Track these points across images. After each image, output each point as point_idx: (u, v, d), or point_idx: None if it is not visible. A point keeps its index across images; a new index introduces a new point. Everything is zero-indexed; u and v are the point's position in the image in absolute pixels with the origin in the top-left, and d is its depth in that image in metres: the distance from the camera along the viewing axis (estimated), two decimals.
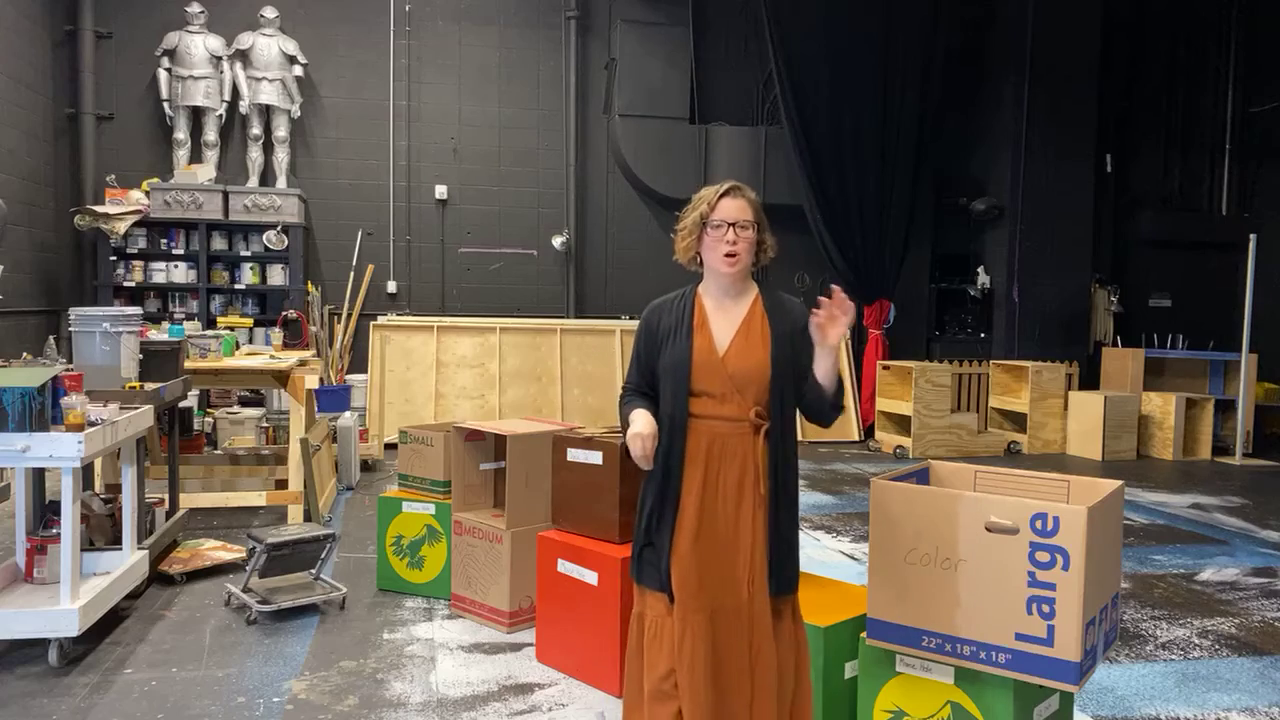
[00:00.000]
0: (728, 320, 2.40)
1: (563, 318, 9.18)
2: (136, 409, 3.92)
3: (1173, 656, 3.80)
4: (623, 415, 2.44)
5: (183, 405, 5.45)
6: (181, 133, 8.27)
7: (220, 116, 8.36)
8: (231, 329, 6.45)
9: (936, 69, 9.28)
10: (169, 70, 8.25)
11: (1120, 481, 2.59)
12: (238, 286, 8.33)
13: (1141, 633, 4.07)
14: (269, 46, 8.40)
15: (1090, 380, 9.58)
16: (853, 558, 5.12)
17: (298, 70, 8.51)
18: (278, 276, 8.36)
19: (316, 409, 5.95)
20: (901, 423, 8.66)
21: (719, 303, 2.42)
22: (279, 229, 8.23)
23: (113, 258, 7.99)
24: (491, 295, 9.22)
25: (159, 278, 8.16)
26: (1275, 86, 10.23)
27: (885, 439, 8.78)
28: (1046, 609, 2.29)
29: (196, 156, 8.40)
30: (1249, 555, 5.39)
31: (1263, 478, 7.86)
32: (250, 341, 7.48)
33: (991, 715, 2.40)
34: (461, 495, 4.06)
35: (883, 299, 9.36)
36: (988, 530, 2.37)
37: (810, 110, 9.01)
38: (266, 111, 8.48)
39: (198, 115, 8.33)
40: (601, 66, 9.34)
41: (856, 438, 9.16)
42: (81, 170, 8.24)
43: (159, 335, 5.48)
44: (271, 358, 5.74)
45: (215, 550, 4.73)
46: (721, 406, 2.34)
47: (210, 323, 7.83)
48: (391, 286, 8.99)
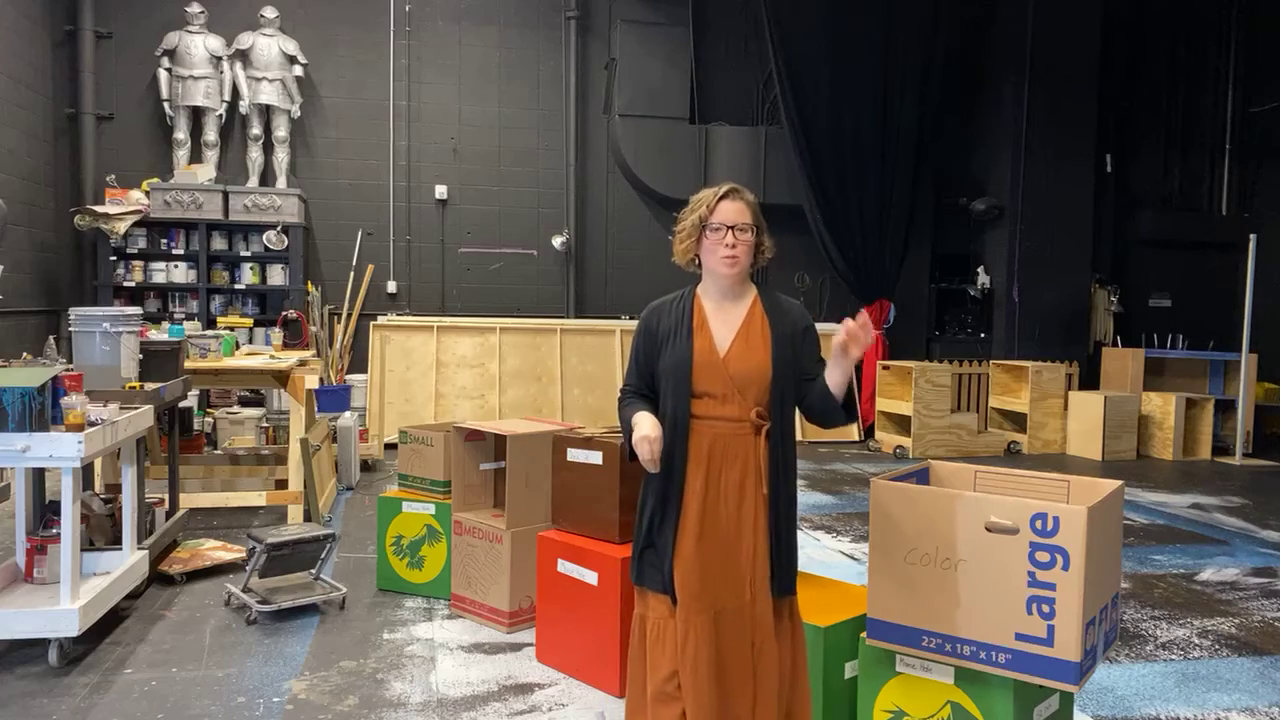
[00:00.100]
0: (727, 321, 2.40)
1: (563, 318, 9.18)
2: (136, 409, 3.92)
3: (1173, 656, 3.80)
4: (623, 417, 2.42)
5: (183, 405, 5.46)
6: (181, 133, 8.27)
7: (220, 116, 8.36)
8: (231, 329, 6.45)
9: (936, 69, 9.28)
10: (169, 70, 8.25)
11: (1120, 481, 2.59)
12: (238, 286, 8.33)
13: (1141, 633, 4.07)
14: (269, 46, 8.40)
15: (1090, 380, 9.58)
16: (853, 558, 5.12)
17: (298, 70, 8.51)
18: (278, 276, 8.36)
19: (316, 409, 5.95)
20: (901, 423, 8.66)
21: (718, 304, 2.42)
22: (279, 229, 8.23)
23: (113, 258, 7.99)
24: (491, 295, 9.22)
25: (159, 278, 8.16)
26: (1275, 86, 10.23)
27: (885, 439, 8.78)
28: (1046, 609, 2.29)
29: (196, 156, 8.40)
30: (1249, 555, 5.39)
31: (1263, 478, 7.86)
32: (250, 341, 7.48)
33: (991, 715, 2.41)
34: (461, 495, 4.06)
35: (883, 299, 9.36)
36: (988, 530, 2.37)
37: (810, 110, 9.01)
38: (266, 111, 8.47)
39: (198, 115, 8.33)
40: (601, 66, 9.33)
41: (856, 438, 9.17)
42: (81, 170, 8.24)
43: (159, 335, 5.48)
44: (271, 358, 5.74)
45: (215, 550, 4.73)
46: (723, 407, 2.34)
47: (210, 323, 7.83)
48: (391, 286, 8.99)
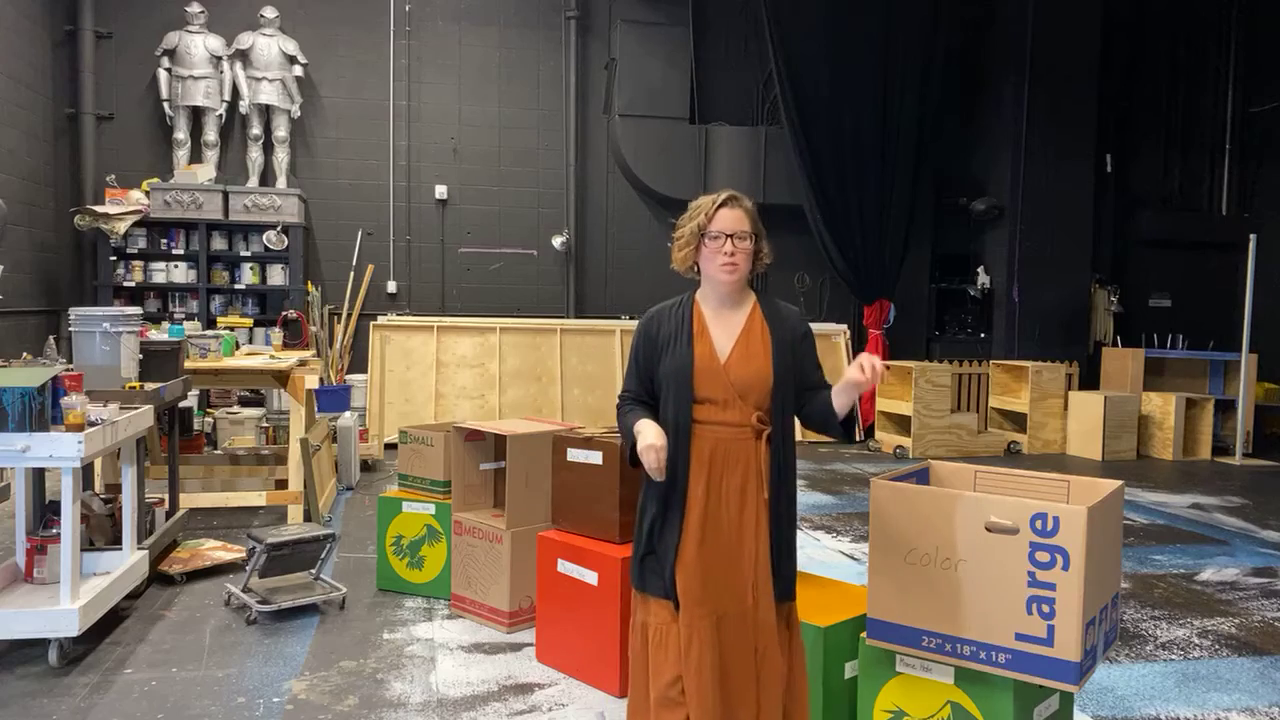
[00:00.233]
0: (727, 328, 2.40)
1: (563, 318, 9.18)
2: (136, 409, 3.92)
3: (1173, 656, 3.80)
4: (624, 424, 2.41)
5: (183, 405, 5.46)
6: (181, 133, 8.27)
7: (220, 116, 8.36)
8: (231, 329, 6.45)
9: (936, 69, 9.28)
10: (169, 70, 8.25)
11: (1120, 481, 2.59)
12: (238, 286, 8.33)
13: (1141, 633, 4.07)
14: (269, 46, 8.40)
15: (1090, 380, 9.58)
16: (853, 558, 5.12)
17: (298, 70, 8.51)
18: (278, 276, 8.36)
19: (316, 409, 5.95)
20: (901, 423, 8.66)
21: (717, 311, 2.42)
22: (279, 229, 8.23)
23: (113, 258, 7.99)
24: (491, 295, 9.22)
25: (159, 278, 8.16)
26: (1275, 86, 10.23)
27: (885, 439, 8.78)
28: (1046, 609, 2.29)
29: (196, 156, 8.40)
30: (1249, 555, 5.39)
31: (1263, 478, 7.86)
32: (250, 341, 7.48)
33: (991, 715, 2.40)
34: (461, 495, 4.06)
35: (883, 299, 9.36)
36: (988, 530, 2.37)
37: (810, 110, 9.00)
38: (266, 111, 8.48)
39: (198, 115, 8.34)
40: (601, 66, 9.34)
41: (857, 438, 9.15)
42: (81, 170, 8.24)
43: (159, 335, 5.48)
44: (271, 358, 5.74)
45: (215, 550, 4.73)
46: (723, 413, 2.34)
47: (210, 323, 7.83)
48: (391, 286, 8.99)
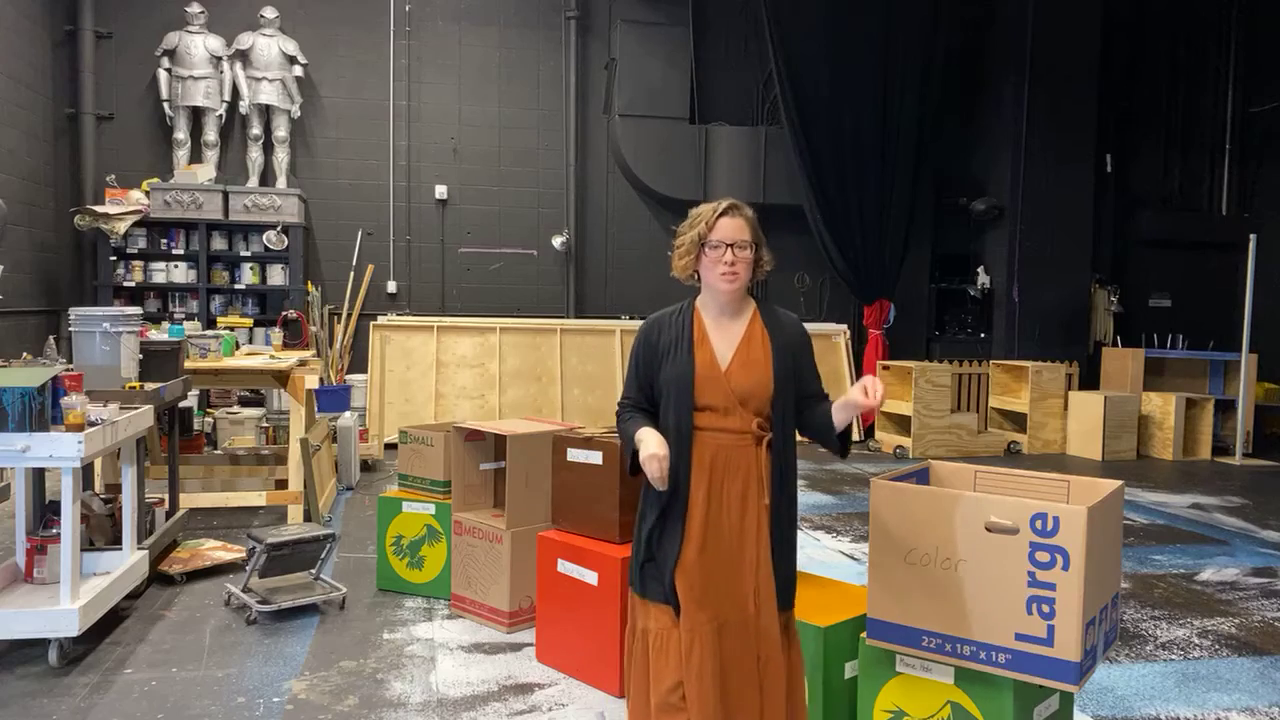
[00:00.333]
0: (727, 335, 2.40)
1: (563, 318, 9.18)
2: (136, 409, 3.92)
3: (1173, 656, 3.80)
4: (625, 432, 2.41)
5: (183, 405, 5.46)
6: (181, 133, 8.27)
7: (220, 116, 8.36)
8: (231, 329, 6.45)
9: (936, 69, 9.28)
10: (169, 70, 8.25)
11: (1120, 481, 2.59)
12: (238, 286, 8.33)
13: (1141, 633, 4.07)
14: (269, 46, 8.40)
15: (1090, 380, 9.58)
16: (853, 558, 5.12)
17: (298, 70, 8.51)
18: (278, 276, 8.36)
19: (316, 409, 5.95)
20: (901, 423, 8.66)
21: (718, 318, 2.42)
22: (279, 229, 8.23)
23: (113, 258, 7.99)
24: (491, 295, 9.22)
25: (159, 278, 8.16)
26: (1275, 86, 10.23)
27: (885, 439, 8.78)
28: (1046, 609, 2.29)
29: (196, 156, 8.40)
30: (1249, 555, 5.39)
31: (1263, 478, 7.86)
32: (250, 341, 7.48)
33: (991, 715, 2.40)
34: (461, 495, 4.06)
35: (883, 299, 9.36)
36: (988, 530, 2.37)
37: (810, 110, 9.00)
38: (266, 111, 8.48)
39: (198, 115, 8.34)
40: (601, 66, 9.33)
41: (857, 438, 9.16)
42: (81, 170, 8.24)
43: (159, 335, 5.48)
44: (271, 358, 5.74)
45: (215, 550, 4.73)
46: (724, 419, 2.34)
47: (210, 323, 7.83)
48: (391, 286, 8.99)
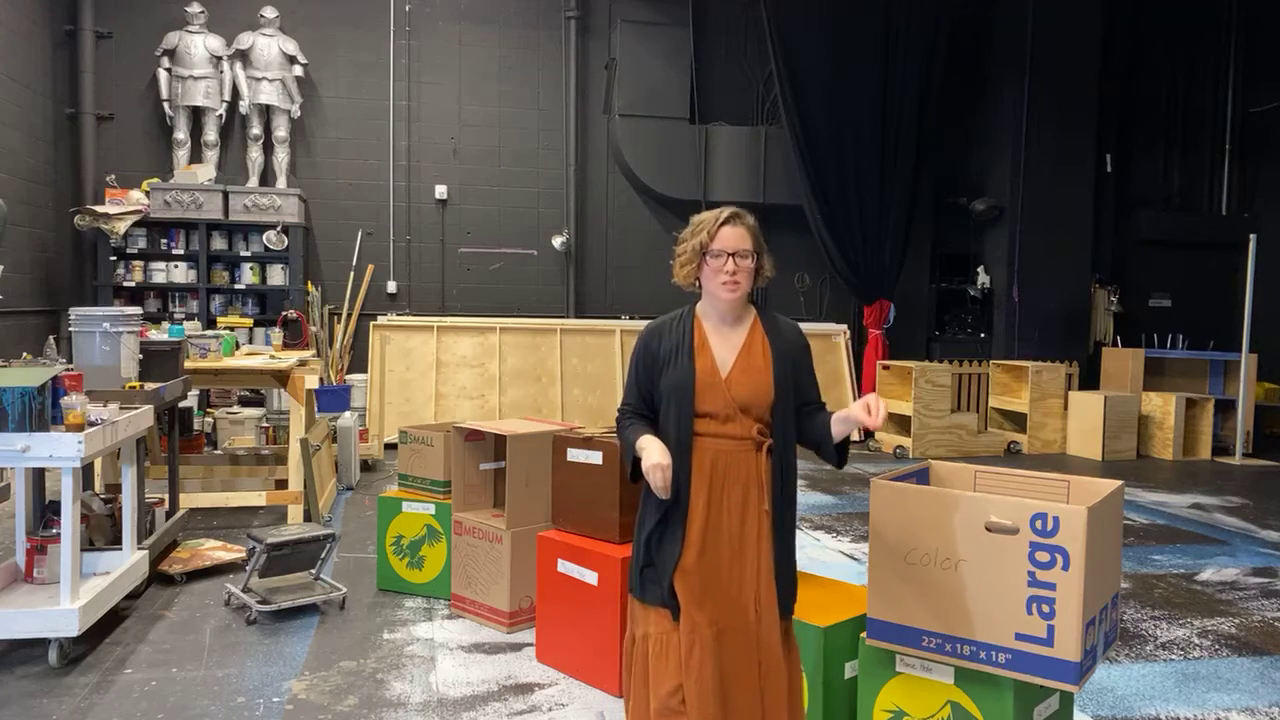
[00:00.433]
0: (728, 343, 2.40)
1: (563, 318, 9.18)
2: (136, 409, 3.92)
3: (1173, 656, 3.80)
4: (626, 439, 2.41)
5: (183, 405, 5.46)
6: (181, 133, 8.27)
7: (220, 116, 8.37)
8: (231, 329, 6.45)
9: (936, 69, 9.28)
10: (169, 70, 8.25)
11: (1120, 481, 2.59)
12: (238, 286, 8.33)
13: (1141, 633, 4.07)
14: (269, 46, 8.40)
15: (1090, 380, 9.58)
16: (853, 558, 5.12)
17: (298, 70, 8.51)
18: (278, 276, 8.36)
19: (316, 409, 5.95)
20: (901, 423, 8.66)
21: (718, 325, 2.42)
22: (279, 229, 8.22)
23: (113, 258, 7.99)
24: (491, 295, 9.22)
25: (159, 278, 8.16)
26: (1275, 86, 10.23)
27: (885, 439, 8.78)
28: (1046, 609, 2.29)
29: (196, 156, 8.40)
30: (1249, 555, 5.39)
31: (1263, 478, 7.86)
32: (250, 341, 7.47)
33: (991, 715, 2.40)
34: (461, 495, 4.06)
35: (883, 299, 9.36)
36: (988, 530, 2.37)
37: (810, 110, 9.00)
38: (266, 111, 8.48)
39: (198, 115, 8.34)
40: (601, 66, 9.33)
41: (857, 438, 9.17)
42: (81, 170, 8.24)
43: (159, 335, 5.48)
44: (271, 358, 5.74)
45: (215, 550, 4.73)
46: (724, 426, 2.34)
47: (210, 323, 7.83)
48: (391, 286, 8.99)
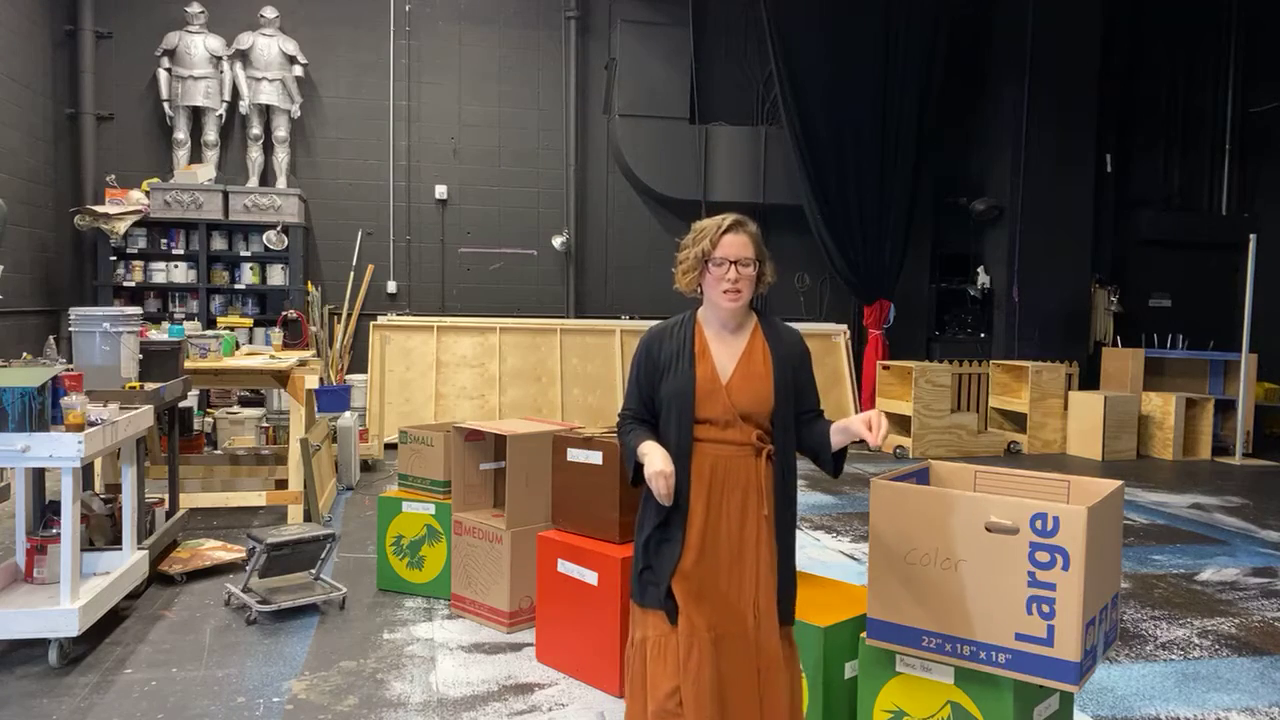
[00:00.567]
0: (729, 349, 2.41)
1: (563, 318, 9.18)
2: (136, 409, 3.92)
3: (1173, 656, 3.80)
4: (628, 444, 2.42)
5: (183, 405, 5.45)
6: (181, 133, 8.27)
7: (220, 116, 8.37)
8: (231, 329, 6.45)
9: (937, 69, 9.28)
10: (169, 70, 8.25)
11: (1120, 481, 2.59)
12: (238, 286, 8.33)
13: (1141, 633, 4.07)
14: (269, 46, 8.40)
15: (1090, 380, 9.58)
16: (853, 558, 5.12)
17: (298, 70, 8.51)
18: (278, 276, 8.36)
19: (316, 409, 5.95)
20: (901, 423, 8.65)
21: (719, 332, 2.43)
22: (279, 229, 8.22)
23: (113, 258, 7.99)
24: (491, 295, 9.22)
25: (159, 278, 8.16)
26: (1275, 86, 10.23)
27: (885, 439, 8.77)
28: (1046, 609, 2.29)
29: (196, 156, 8.40)
30: (1249, 555, 5.39)
31: (1263, 478, 7.86)
32: (250, 341, 7.47)
33: (991, 715, 2.40)
34: (461, 495, 4.06)
35: (883, 299, 9.36)
36: (988, 530, 2.37)
37: (810, 110, 9.00)
38: (266, 111, 8.48)
39: (198, 115, 8.34)
40: (601, 66, 9.33)
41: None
42: (81, 170, 8.24)
43: (159, 335, 5.48)
44: (271, 358, 5.74)
45: (215, 550, 4.73)
46: (724, 432, 2.35)
47: (210, 323, 7.83)
48: (391, 286, 8.99)
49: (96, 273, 8.04)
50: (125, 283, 8.07)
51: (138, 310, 4.56)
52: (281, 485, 5.73)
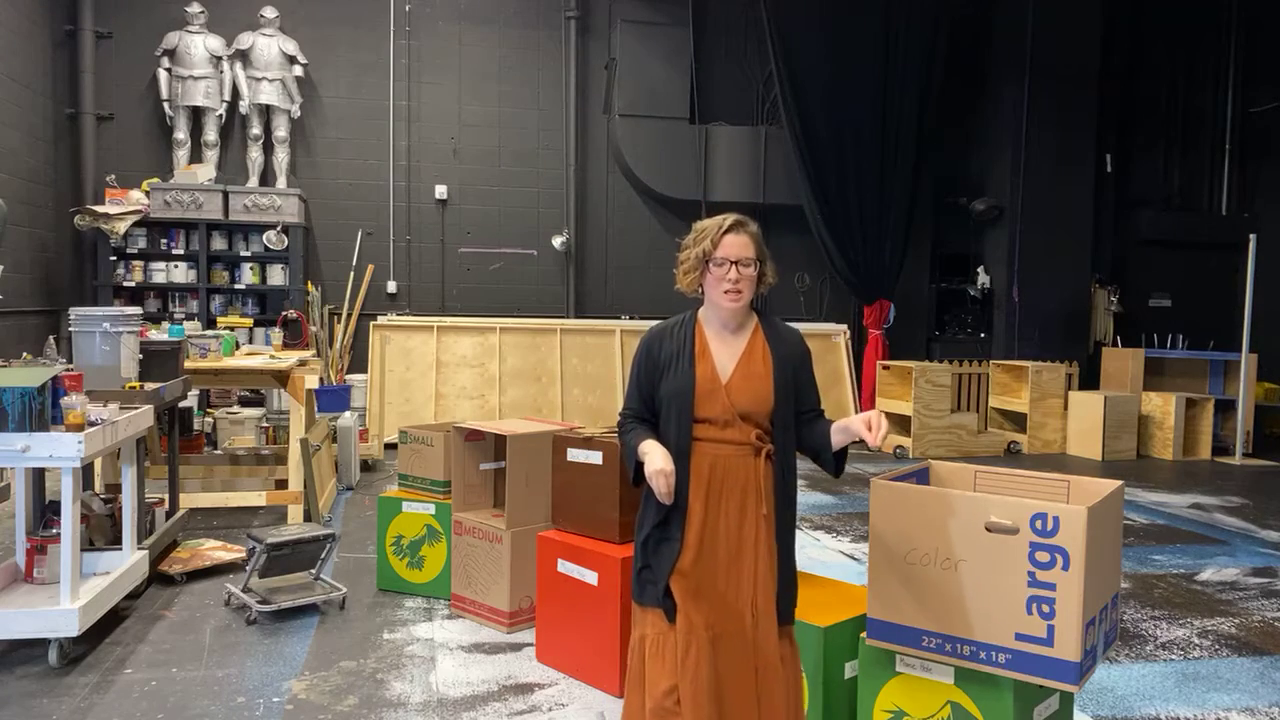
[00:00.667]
0: (729, 349, 2.41)
1: (563, 318, 9.18)
2: (136, 409, 3.92)
3: (1173, 656, 3.80)
4: (628, 444, 2.42)
5: (183, 405, 5.46)
6: (181, 133, 8.27)
7: (220, 116, 8.36)
8: (231, 329, 6.45)
9: (936, 69, 9.28)
10: (169, 70, 8.25)
11: (1120, 481, 2.59)
12: (238, 286, 8.33)
13: (1141, 633, 4.07)
14: (269, 46, 8.40)
15: (1090, 380, 9.58)
16: (853, 558, 5.12)
17: (298, 70, 8.51)
18: (278, 276, 8.36)
19: (316, 409, 5.95)
20: (901, 423, 8.65)
21: (719, 332, 2.43)
22: (279, 229, 8.22)
23: (113, 258, 7.99)
24: (491, 295, 9.22)
25: (159, 278, 8.16)
26: (1275, 86, 10.23)
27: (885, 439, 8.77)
28: (1046, 609, 2.29)
29: (196, 156, 8.40)
30: (1249, 555, 5.39)
31: (1263, 478, 7.86)
32: (250, 341, 7.47)
33: (991, 715, 2.41)
34: (461, 495, 4.06)
35: (883, 299, 9.36)
36: (988, 530, 2.37)
37: (810, 110, 9.00)
38: (266, 111, 8.48)
39: (198, 115, 8.34)
40: (601, 66, 9.33)
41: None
42: (81, 170, 8.24)
43: (159, 335, 5.48)
44: (271, 358, 5.74)
45: (215, 550, 4.73)
46: (724, 432, 2.35)
47: (210, 323, 7.83)
48: (391, 286, 8.99)
49: (96, 273, 8.04)
50: (125, 283, 8.07)
51: (138, 310, 4.56)
52: (281, 485, 5.73)
